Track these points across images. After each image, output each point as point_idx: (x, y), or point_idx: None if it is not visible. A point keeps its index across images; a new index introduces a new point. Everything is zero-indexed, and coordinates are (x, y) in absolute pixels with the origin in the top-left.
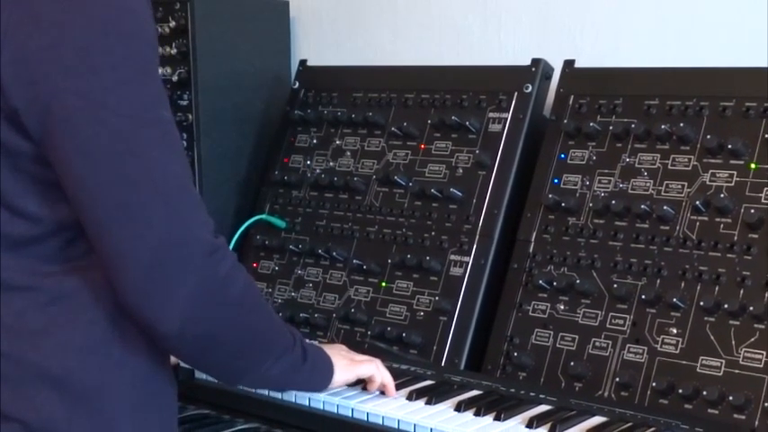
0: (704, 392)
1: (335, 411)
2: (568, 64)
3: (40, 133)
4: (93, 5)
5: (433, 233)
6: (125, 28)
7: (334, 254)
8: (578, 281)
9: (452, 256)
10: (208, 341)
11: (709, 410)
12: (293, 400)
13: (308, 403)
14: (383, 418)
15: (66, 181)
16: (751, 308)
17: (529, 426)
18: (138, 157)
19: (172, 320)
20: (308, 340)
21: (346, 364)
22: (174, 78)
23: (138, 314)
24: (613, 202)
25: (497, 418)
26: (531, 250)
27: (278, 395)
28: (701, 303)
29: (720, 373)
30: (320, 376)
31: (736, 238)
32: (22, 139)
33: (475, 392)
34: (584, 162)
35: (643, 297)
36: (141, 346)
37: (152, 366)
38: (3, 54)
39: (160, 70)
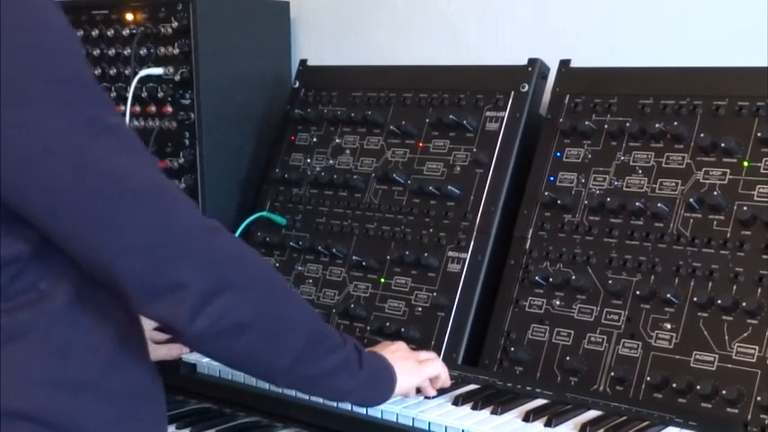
0: (698, 387)
1: (335, 405)
2: (564, 64)
3: None
4: (9, 34)
5: (431, 230)
6: (45, 49)
7: (334, 250)
8: (574, 277)
9: (450, 253)
10: (228, 327)
11: (703, 404)
12: (293, 394)
13: (307, 397)
14: (382, 411)
15: (38, 218)
16: (744, 303)
17: (525, 419)
18: (98, 172)
19: (185, 314)
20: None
21: (411, 366)
22: (177, 78)
23: (153, 317)
24: (608, 199)
25: (494, 412)
26: (527, 247)
27: (278, 389)
28: (695, 299)
29: (714, 368)
30: (381, 384)
31: (729, 234)
32: None
33: (472, 387)
34: (579, 160)
35: (637, 293)
36: (108, 359)
37: (125, 375)
38: None
39: (162, 69)
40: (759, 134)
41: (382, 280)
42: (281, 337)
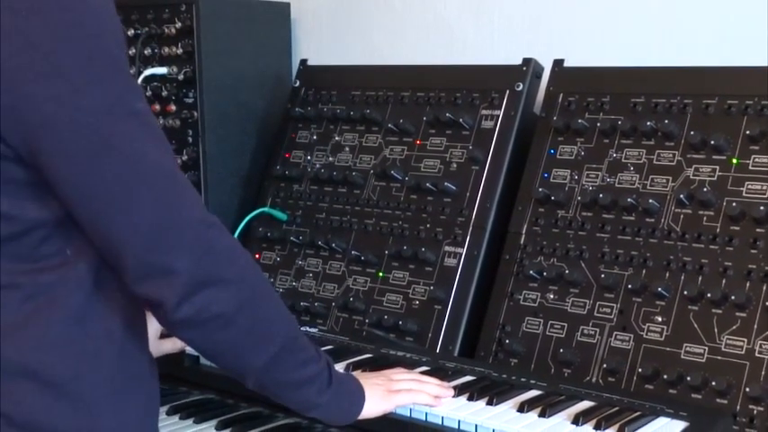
0: (688, 378)
1: None
2: (558, 63)
3: (20, 138)
4: (54, 10)
5: (428, 225)
6: (87, 29)
7: (334, 245)
8: (567, 271)
9: (447, 248)
10: (209, 319)
11: (693, 395)
12: None
13: None
14: None
15: (55, 182)
16: (733, 297)
17: (520, 410)
18: (118, 150)
19: (172, 298)
20: (342, 370)
21: (381, 395)
22: (181, 77)
23: (142, 295)
24: (601, 195)
25: (490, 403)
26: (522, 242)
27: None
28: (685, 292)
29: (703, 360)
30: (347, 405)
31: (718, 230)
32: None
33: (468, 378)
34: (572, 157)
35: (629, 286)
36: (116, 335)
37: (128, 353)
38: None
39: (166, 69)
40: (748, 132)
41: (380, 274)
42: (260, 338)
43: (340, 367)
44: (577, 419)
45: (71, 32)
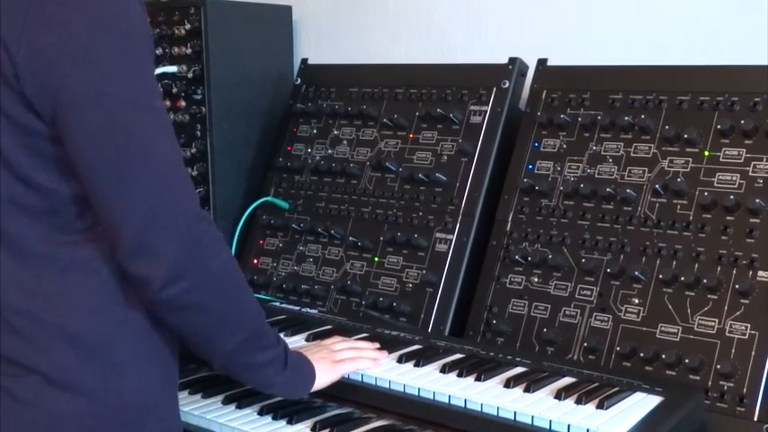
0: (663, 356)
1: None
2: (542, 62)
3: (51, 115)
4: (96, 8)
5: (420, 213)
6: (122, 28)
7: (332, 232)
8: (550, 256)
9: (438, 234)
10: (190, 304)
11: (668, 372)
12: None
13: None
14: (376, 378)
15: (74, 157)
16: (705, 280)
17: (506, 386)
18: (133, 136)
19: (158, 279)
20: (292, 345)
21: (327, 368)
22: (189, 75)
23: (131, 272)
24: (582, 185)
25: (478, 379)
26: (508, 229)
27: None
28: (660, 276)
29: (677, 339)
30: (300, 382)
31: (691, 218)
32: (37, 120)
33: (458, 356)
34: (555, 150)
35: (608, 270)
36: (142, 307)
37: (153, 325)
38: (22, 48)
39: (176, 68)
40: (719, 126)
41: (376, 259)
42: (231, 325)
43: None
44: (560, 394)
45: (108, 29)
